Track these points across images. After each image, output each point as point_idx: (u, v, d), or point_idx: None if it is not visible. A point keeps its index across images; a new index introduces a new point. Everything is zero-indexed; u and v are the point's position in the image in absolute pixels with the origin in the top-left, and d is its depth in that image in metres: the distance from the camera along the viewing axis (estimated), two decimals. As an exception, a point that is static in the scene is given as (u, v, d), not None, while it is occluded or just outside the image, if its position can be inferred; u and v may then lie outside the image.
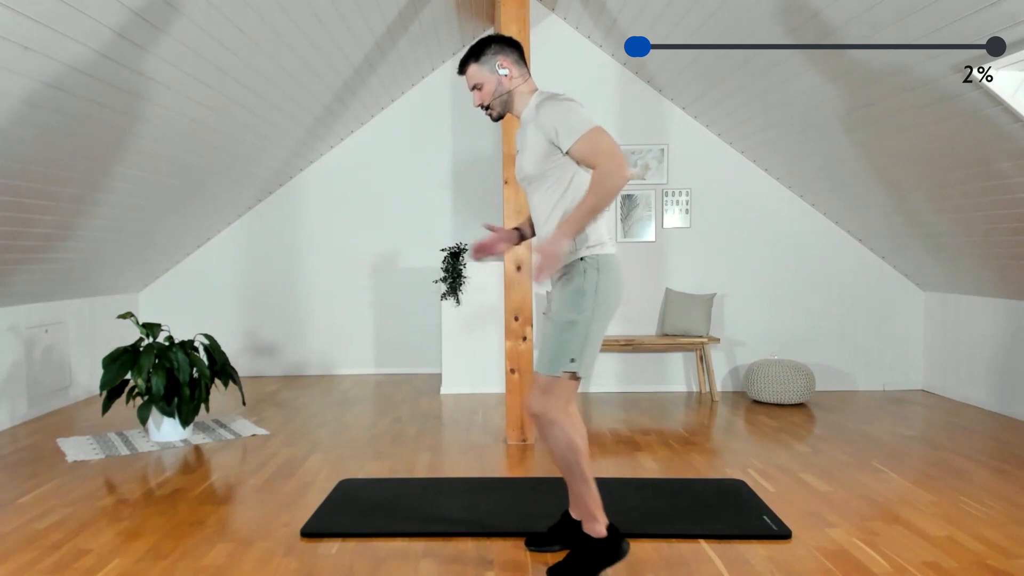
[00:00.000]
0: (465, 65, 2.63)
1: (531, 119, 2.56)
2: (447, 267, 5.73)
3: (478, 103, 2.65)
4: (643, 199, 6.02)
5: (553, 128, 2.45)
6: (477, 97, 2.64)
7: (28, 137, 3.53)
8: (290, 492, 3.46)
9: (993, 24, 3.05)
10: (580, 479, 2.53)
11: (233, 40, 4.01)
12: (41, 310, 5.15)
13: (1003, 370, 5.08)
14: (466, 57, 2.63)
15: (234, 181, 5.84)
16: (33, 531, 2.98)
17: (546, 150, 2.49)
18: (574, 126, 2.42)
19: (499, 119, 2.71)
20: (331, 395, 5.81)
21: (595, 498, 2.55)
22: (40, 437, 4.52)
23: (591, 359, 2.50)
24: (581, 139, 2.41)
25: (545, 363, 2.48)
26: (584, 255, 2.49)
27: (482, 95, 2.63)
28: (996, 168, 3.91)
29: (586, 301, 2.46)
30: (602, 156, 2.38)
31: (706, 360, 5.70)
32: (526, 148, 2.56)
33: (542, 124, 2.48)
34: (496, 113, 2.67)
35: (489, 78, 2.61)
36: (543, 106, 2.50)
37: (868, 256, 5.98)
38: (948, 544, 2.81)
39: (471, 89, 2.65)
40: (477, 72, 2.61)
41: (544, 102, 2.51)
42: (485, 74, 2.61)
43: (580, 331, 2.45)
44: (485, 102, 2.63)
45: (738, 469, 3.80)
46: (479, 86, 2.62)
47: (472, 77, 2.62)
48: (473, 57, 2.62)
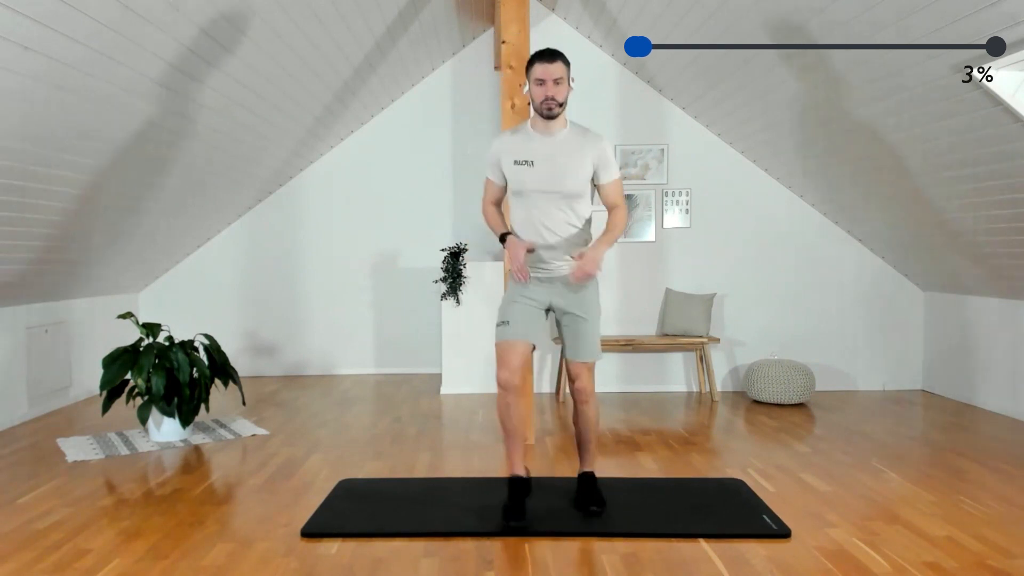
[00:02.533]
0: (559, 57, 2.94)
1: (577, 142, 3.00)
2: (447, 267, 5.73)
3: (553, 95, 2.92)
4: (643, 199, 6.02)
5: (605, 161, 3.01)
6: (553, 89, 2.91)
7: (28, 137, 3.53)
8: (290, 492, 3.46)
9: (993, 24, 3.05)
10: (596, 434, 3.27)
11: (233, 40, 4.01)
12: (41, 310, 5.16)
13: (1003, 370, 5.08)
14: (560, 53, 2.97)
15: (234, 181, 5.84)
16: (33, 531, 2.98)
17: (589, 174, 3.01)
18: (615, 167, 3.06)
19: (552, 118, 2.98)
20: (331, 395, 5.81)
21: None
22: (40, 437, 4.52)
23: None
24: (617, 179, 3.06)
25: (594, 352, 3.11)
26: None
27: (560, 90, 2.93)
28: (996, 168, 3.91)
29: (598, 295, 3.15)
30: (622, 198, 3.11)
31: (706, 360, 5.70)
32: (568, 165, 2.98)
33: (597, 154, 3.00)
34: (557, 112, 2.96)
35: (567, 82, 2.97)
36: (600, 140, 3.02)
37: (868, 256, 5.98)
38: (948, 544, 2.82)
39: (552, 80, 2.90)
40: (565, 71, 2.95)
41: (598, 137, 3.03)
42: (567, 77, 2.96)
43: (600, 320, 3.18)
44: (562, 98, 2.95)
45: (738, 469, 3.80)
46: (561, 80, 2.93)
47: (560, 71, 2.93)
48: (564, 58, 2.97)
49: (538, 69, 2.91)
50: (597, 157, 3.00)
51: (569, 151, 2.97)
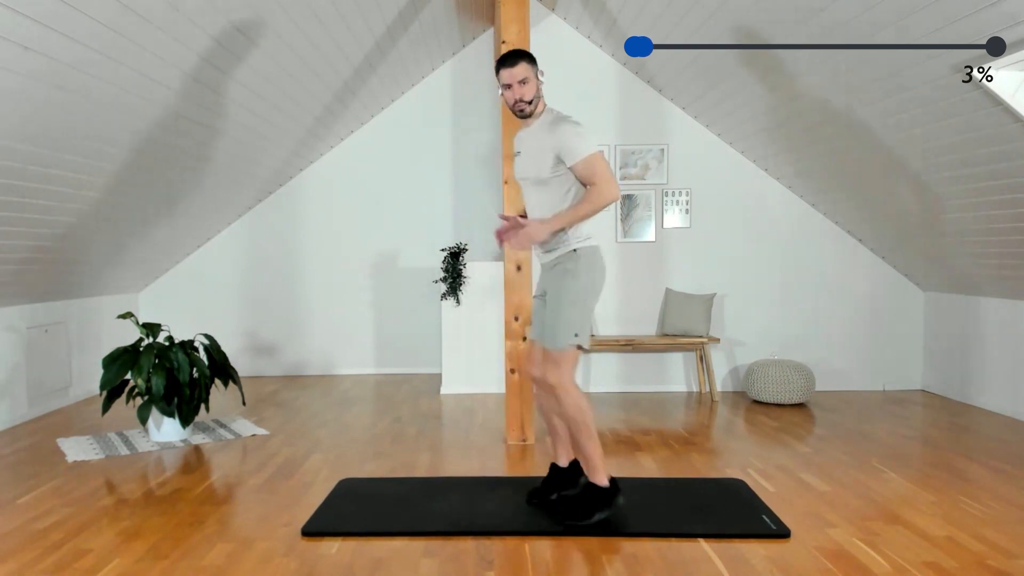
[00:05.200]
0: (519, 60, 3.00)
1: (544, 131, 3.00)
2: (447, 267, 5.73)
3: (520, 96, 3.00)
4: (643, 199, 6.02)
5: (564, 146, 2.93)
6: (520, 91, 2.99)
7: (27, 137, 3.53)
8: (290, 492, 3.46)
9: (993, 24, 3.05)
10: (587, 436, 2.99)
11: (233, 40, 4.01)
12: (41, 310, 5.16)
13: (1003, 370, 5.08)
14: (522, 53, 3.02)
15: (234, 181, 5.84)
16: (33, 531, 2.98)
17: (554, 161, 2.97)
18: (580, 148, 2.93)
19: (526, 117, 3.07)
20: (331, 395, 5.81)
21: (599, 452, 3.03)
22: (40, 437, 4.52)
23: (588, 331, 3.03)
24: (584, 160, 2.93)
25: (553, 339, 2.98)
26: (576, 247, 3.02)
27: (527, 90, 3.00)
28: (996, 168, 3.91)
29: (580, 283, 2.99)
30: (598, 177, 2.93)
31: (706, 360, 5.70)
32: (533, 154, 3.03)
33: (556, 140, 2.95)
34: (529, 110, 3.03)
35: (534, 79, 3.02)
36: (560, 125, 2.96)
37: (868, 256, 5.98)
38: (948, 544, 2.82)
39: (517, 82, 2.99)
40: (529, 70, 3.01)
41: (560, 121, 2.98)
42: (532, 74, 3.01)
43: (578, 309, 2.99)
44: (530, 96, 3.01)
45: (738, 469, 3.80)
46: (526, 81, 2.99)
47: (523, 72, 2.99)
48: (527, 57, 3.01)
49: (504, 75, 3.01)
50: (556, 143, 2.95)
51: (534, 140, 3.05)
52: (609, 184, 2.92)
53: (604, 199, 2.92)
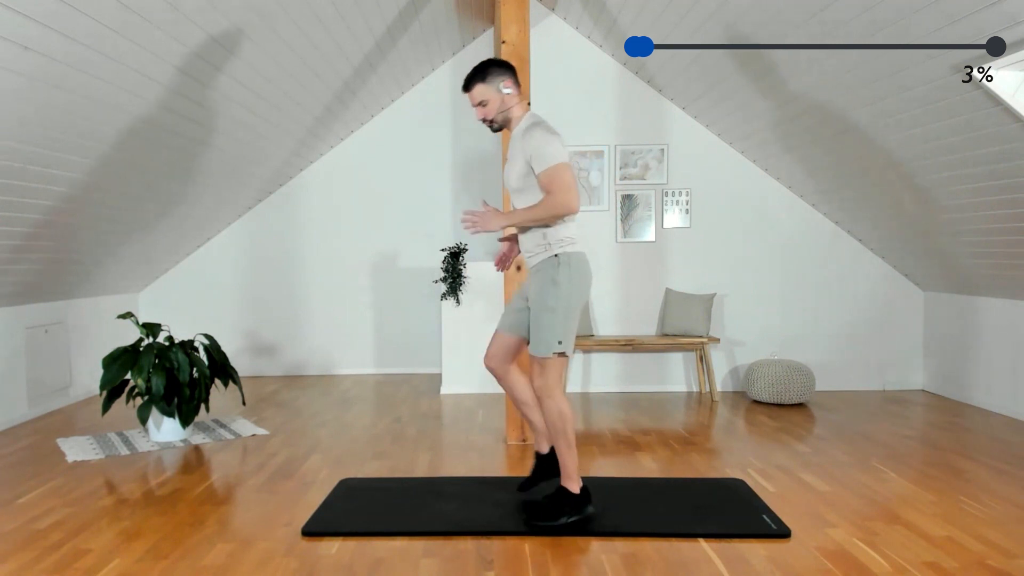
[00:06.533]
0: (472, 84, 3.00)
1: (519, 138, 2.98)
2: (447, 267, 5.73)
3: (481, 117, 3.05)
4: (643, 199, 6.02)
5: (533, 153, 2.90)
6: (480, 112, 3.03)
7: (27, 137, 3.53)
8: (290, 492, 3.46)
9: (993, 24, 3.05)
10: (566, 444, 3.00)
11: (233, 40, 4.01)
12: (41, 310, 5.15)
13: (1003, 370, 5.08)
14: (472, 76, 3.01)
15: (234, 181, 5.84)
16: (33, 531, 2.98)
17: (526, 169, 2.95)
18: (546, 157, 2.87)
19: (499, 131, 3.14)
20: (331, 395, 5.81)
21: (575, 462, 3.03)
22: (40, 437, 4.52)
23: (572, 338, 2.98)
24: (548, 169, 2.87)
25: (537, 346, 2.97)
26: (558, 252, 2.96)
27: (486, 111, 3.03)
28: (995, 168, 3.91)
29: (561, 291, 2.93)
30: (557, 186, 2.86)
31: (706, 360, 5.70)
32: (511, 161, 3.03)
33: (525, 147, 2.92)
34: (497, 125, 3.08)
35: (494, 96, 3.01)
36: (531, 131, 2.93)
37: (868, 256, 5.98)
38: (948, 544, 2.82)
39: (475, 105, 3.03)
40: (484, 90, 3.01)
41: (532, 128, 2.94)
42: (491, 92, 3.01)
43: (560, 317, 2.93)
44: (489, 117, 3.04)
45: (738, 469, 3.80)
46: (484, 103, 3.01)
47: (478, 94, 3.01)
48: (479, 77, 3.00)
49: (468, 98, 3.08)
50: (527, 152, 2.92)
51: (514, 147, 3.05)
52: (566, 194, 2.85)
53: (557, 208, 2.85)
